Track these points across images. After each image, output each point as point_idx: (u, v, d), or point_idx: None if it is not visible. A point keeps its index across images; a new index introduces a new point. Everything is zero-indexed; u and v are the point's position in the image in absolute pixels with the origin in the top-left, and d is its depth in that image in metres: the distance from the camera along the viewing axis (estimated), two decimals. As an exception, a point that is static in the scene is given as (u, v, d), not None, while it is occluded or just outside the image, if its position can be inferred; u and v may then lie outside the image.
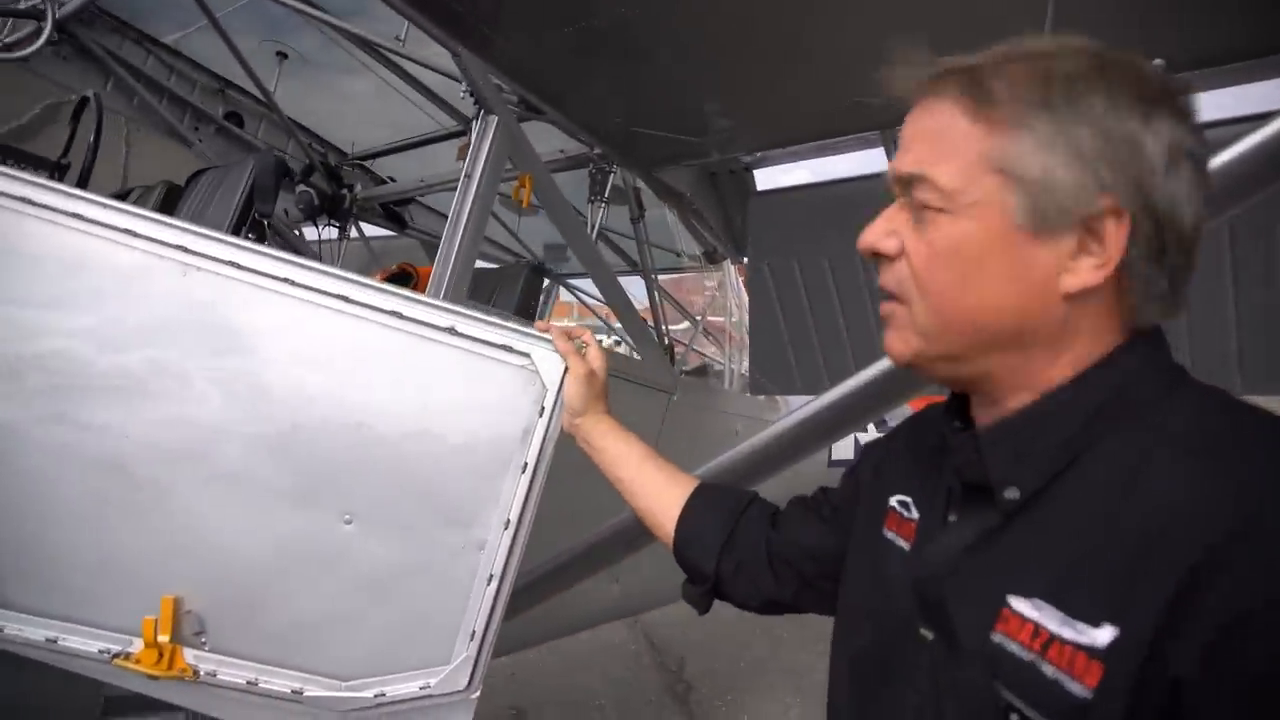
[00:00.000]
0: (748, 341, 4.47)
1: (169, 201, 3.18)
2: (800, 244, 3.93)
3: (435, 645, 1.50)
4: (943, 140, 0.85)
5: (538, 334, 1.52)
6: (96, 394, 1.48)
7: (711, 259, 4.84)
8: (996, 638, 0.78)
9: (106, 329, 1.48)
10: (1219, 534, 0.64)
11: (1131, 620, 0.67)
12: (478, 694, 1.51)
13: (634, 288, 4.47)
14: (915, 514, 1.00)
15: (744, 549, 1.33)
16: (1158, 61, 2.42)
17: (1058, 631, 0.72)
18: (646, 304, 5.04)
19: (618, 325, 4.11)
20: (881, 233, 0.90)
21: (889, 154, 3.10)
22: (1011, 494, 0.82)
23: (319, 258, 4.65)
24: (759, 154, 3.70)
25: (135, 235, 1.47)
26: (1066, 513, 0.78)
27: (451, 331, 1.51)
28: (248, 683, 1.51)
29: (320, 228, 4.77)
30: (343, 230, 4.93)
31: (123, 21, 4.04)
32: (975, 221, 0.83)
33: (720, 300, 5.37)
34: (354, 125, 4.95)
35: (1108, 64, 0.80)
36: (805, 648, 6.00)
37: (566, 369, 1.49)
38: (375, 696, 1.51)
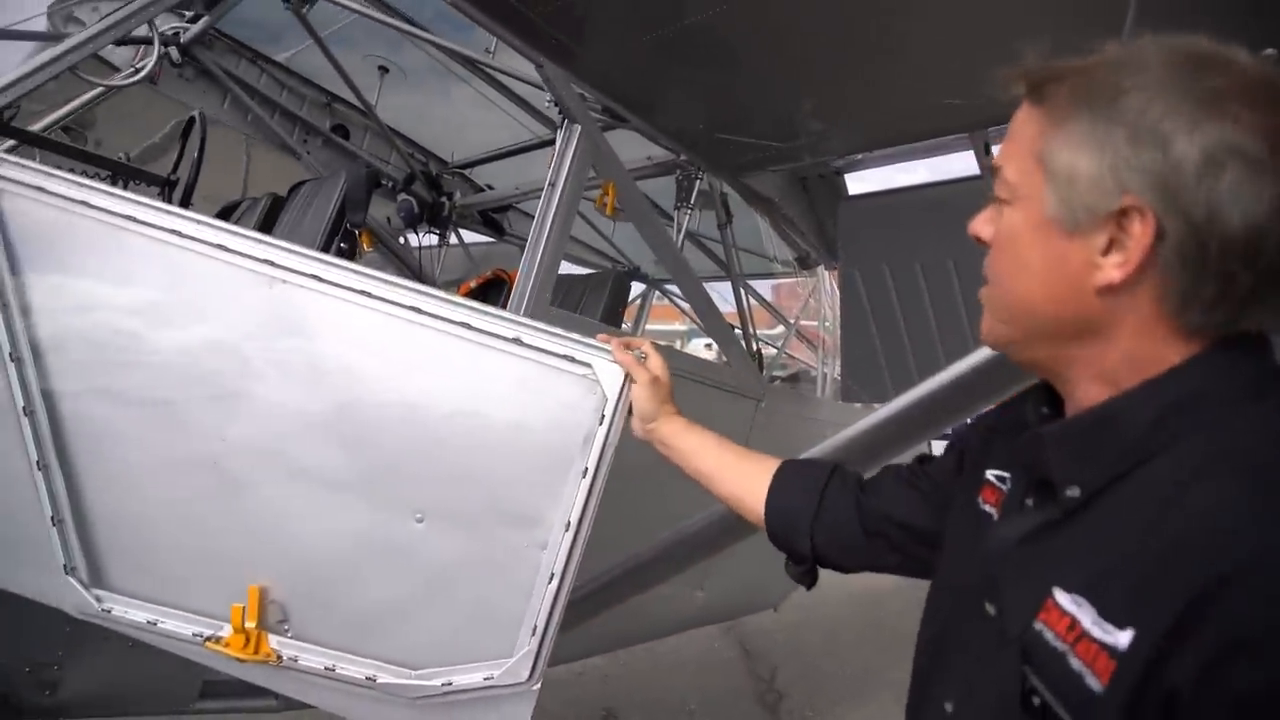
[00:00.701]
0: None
1: (273, 212, 3.36)
2: (892, 249, 3.88)
3: (499, 638, 1.56)
4: (1014, 137, 0.89)
5: (599, 345, 1.56)
6: (195, 397, 1.60)
7: (804, 264, 4.82)
8: (1037, 625, 0.81)
9: (202, 337, 1.60)
10: (1235, 559, 0.66)
11: (1145, 627, 0.69)
12: (539, 685, 1.56)
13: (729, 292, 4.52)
14: (1007, 488, 1.03)
15: (834, 519, 1.34)
16: (1269, 52, 2.28)
17: (1089, 629, 0.75)
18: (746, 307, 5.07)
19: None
20: (984, 220, 0.94)
21: (978, 157, 3.04)
22: (1073, 492, 0.84)
23: (420, 264, 4.86)
24: (849, 158, 3.67)
25: (226, 250, 1.58)
26: (1119, 516, 0.79)
27: (517, 342, 1.57)
28: (326, 669, 1.60)
29: (420, 235, 4.93)
30: (443, 237, 5.09)
31: (239, 43, 4.29)
32: (1022, 213, 0.87)
33: (814, 305, 5.34)
34: (454, 135, 5.09)
35: (1174, 62, 0.79)
36: (901, 663, 5.86)
37: (627, 378, 1.53)
38: (443, 685, 1.58)
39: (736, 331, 3.94)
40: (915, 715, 1.10)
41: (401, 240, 5.11)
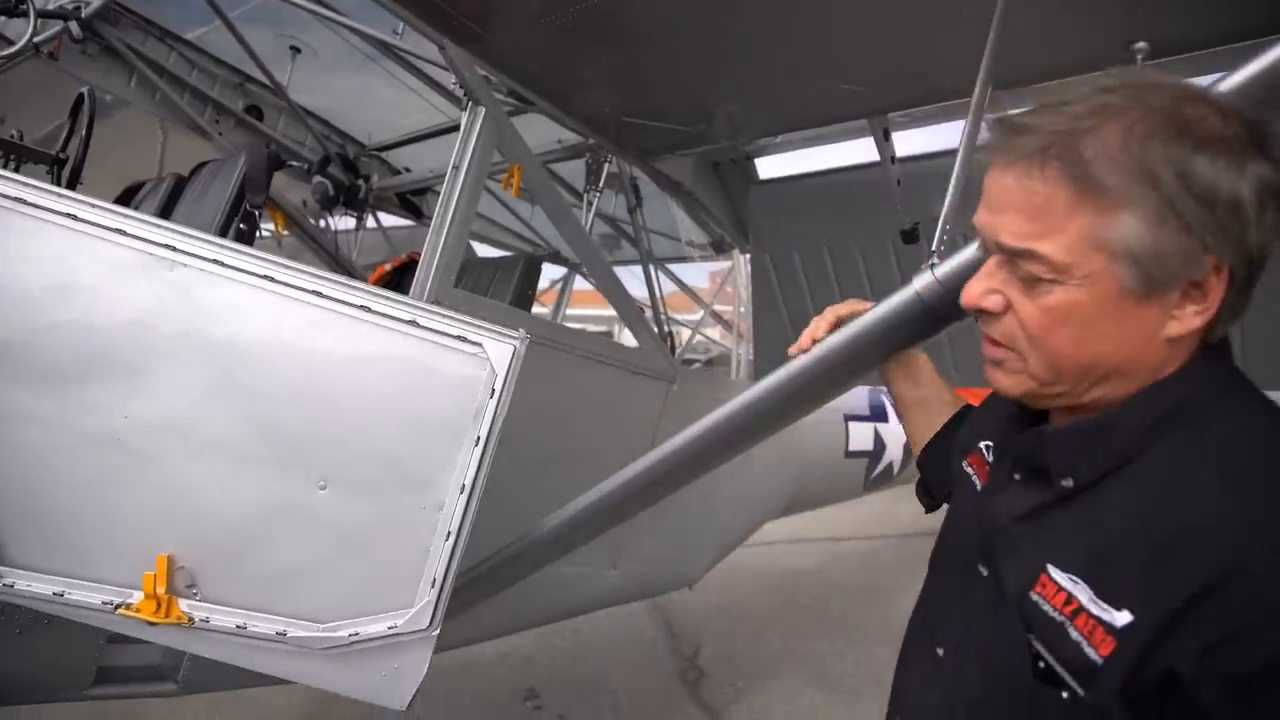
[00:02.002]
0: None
1: (176, 193, 3.32)
2: (801, 233, 3.98)
3: (401, 591, 1.68)
4: (1045, 215, 0.88)
5: (490, 326, 1.69)
6: (96, 376, 1.64)
7: (719, 248, 4.92)
8: (1034, 596, 0.92)
9: (101, 318, 1.64)
10: (1222, 569, 0.77)
11: (1144, 612, 0.81)
12: (437, 632, 1.69)
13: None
14: (992, 459, 1.15)
15: None
16: (1140, 45, 2.38)
17: (1086, 605, 0.86)
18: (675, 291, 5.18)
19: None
20: (983, 292, 0.96)
21: (878, 142, 3.15)
22: (1066, 483, 0.94)
23: (336, 247, 4.82)
24: (758, 142, 3.76)
25: (124, 234, 1.63)
26: (1110, 507, 0.90)
27: (413, 324, 1.69)
28: (237, 626, 1.69)
29: (336, 218, 4.89)
30: (360, 220, 5.07)
31: (146, 19, 4.16)
32: (1086, 291, 0.88)
33: (729, 289, 5.44)
34: (371, 117, 5.03)
35: (1187, 117, 0.83)
36: (822, 639, 6.14)
37: (514, 355, 1.67)
38: (349, 636, 1.69)
39: (648, 315, 4.02)
40: (907, 657, 1.22)
41: (323, 224, 5.06)
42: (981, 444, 1.18)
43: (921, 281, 1.48)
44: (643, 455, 1.95)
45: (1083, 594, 0.86)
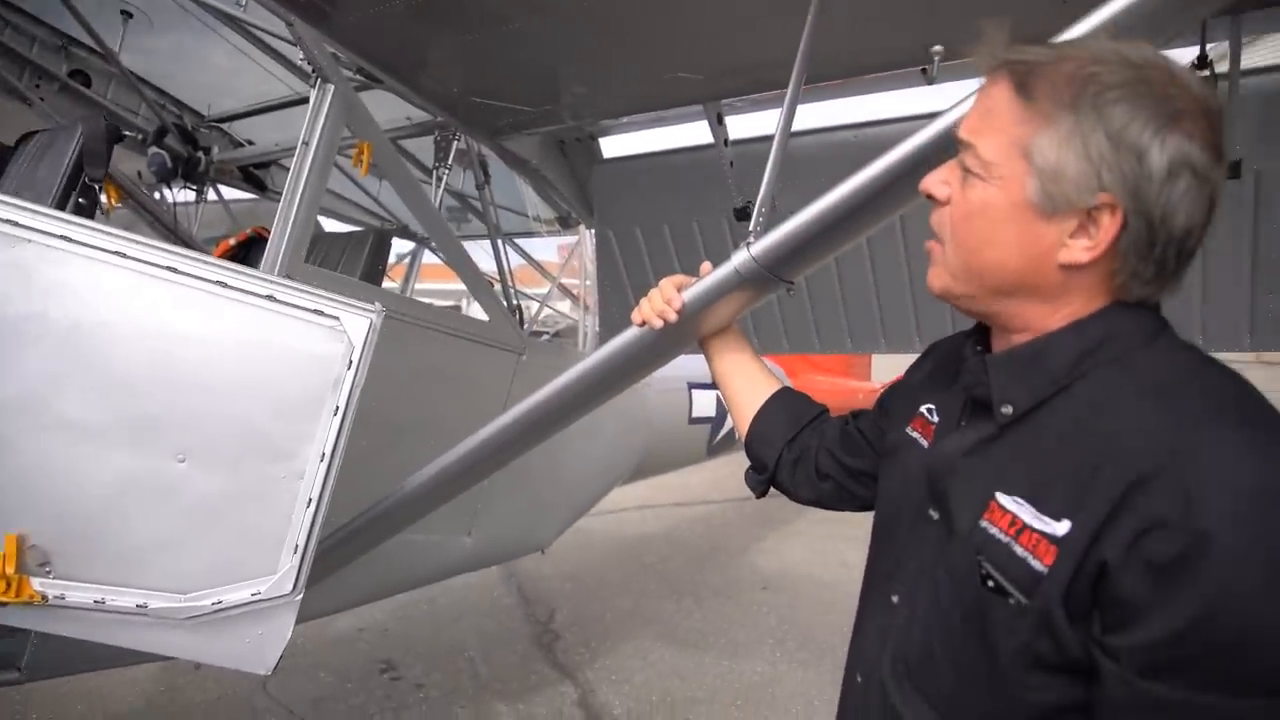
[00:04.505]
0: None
1: (0, 164, 3.16)
2: (643, 209, 4.15)
3: (263, 558, 1.74)
4: (992, 117, 1.00)
5: (346, 300, 1.76)
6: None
7: (565, 224, 5.03)
8: (984, 523, 1.00)
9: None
10: (1149, 465, 0.84)
11: (1081, 518, 0.88)
12: (300, 596, 1.76)
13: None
14: (936, 419, 1.22)
15: (800, 452, 1.58)
16: (937, 48, 2.59)
17: (1029, 522, 0.93)
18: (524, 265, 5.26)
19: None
20: (937, 180, 1.08)
21: (711, 125, 3.35)
22: (1006, 410, 1.03)
23: (175, 220, 4.66)
24: (601, 123, 3.88)
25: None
26: (1047, 432, 0.98)
27: (270, 299, 1.75)
28: (95, 602, 1.71)
29: (175, 190, 4.71)
30: (200, 193, 4.90)
31: (-51, -28, 3.81)
32: (1000, 192, 0.99)
33: (574, 264, 5.56)
34: (211, 87, 4.82)
35: (1145, 79, 0.92)
36: (669, 599, 6.47)
37: (370, 328, 1.74)
38: (213, 604, 1.74)
39: (497, 289, 4.11)
40: (863, 616, 1.27)
41: (159, 196, 4.85)
42: (923, 408, 1.26)
43: (739, 259, 1.66)
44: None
45: (1026, 513, 0.94)
